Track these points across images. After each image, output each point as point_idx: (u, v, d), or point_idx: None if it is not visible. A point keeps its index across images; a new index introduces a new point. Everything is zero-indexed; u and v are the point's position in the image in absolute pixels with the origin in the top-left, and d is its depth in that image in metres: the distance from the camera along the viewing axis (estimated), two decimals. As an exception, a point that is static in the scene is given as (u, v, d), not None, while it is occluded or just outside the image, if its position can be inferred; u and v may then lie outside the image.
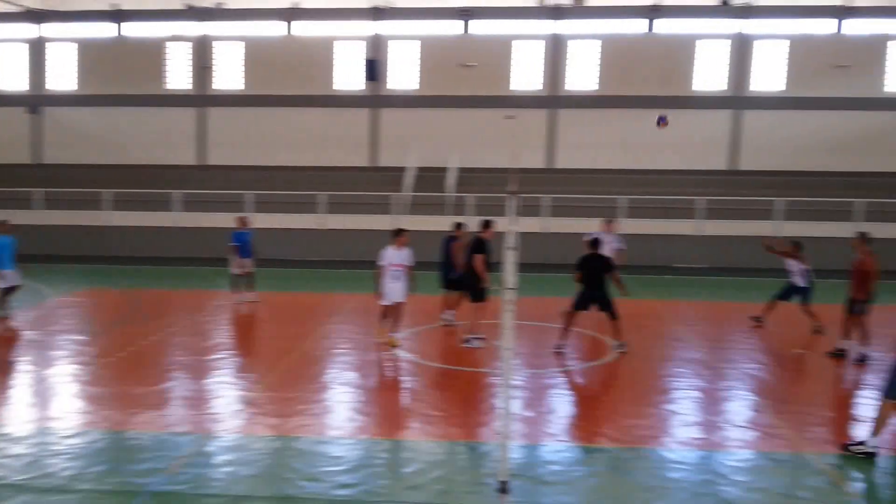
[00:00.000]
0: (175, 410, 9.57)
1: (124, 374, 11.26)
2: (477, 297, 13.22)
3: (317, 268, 24.16)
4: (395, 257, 12.65)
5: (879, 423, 7.97)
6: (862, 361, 12.04)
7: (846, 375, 11.74)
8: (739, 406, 10.01)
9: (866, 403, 10.14)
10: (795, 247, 14.58)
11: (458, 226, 14.51)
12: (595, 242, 13.02)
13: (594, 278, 12.48)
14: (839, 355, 12.36)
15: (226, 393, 10.30)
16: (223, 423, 9.00)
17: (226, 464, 7.77)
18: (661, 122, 13.54)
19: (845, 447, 8.11)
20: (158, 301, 18.10)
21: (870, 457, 7.91)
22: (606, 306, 12.53)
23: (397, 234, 12.86)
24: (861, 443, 8.04)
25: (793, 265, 14.48)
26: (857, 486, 7.41)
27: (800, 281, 14.44)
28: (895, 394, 7.89)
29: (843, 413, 9.88)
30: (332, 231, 26.53)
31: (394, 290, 12.66)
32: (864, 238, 12.22)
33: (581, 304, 12.63)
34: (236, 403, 9.78)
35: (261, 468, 7.66)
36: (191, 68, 31.43)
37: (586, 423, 9.26)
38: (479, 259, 12.91)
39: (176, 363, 11.93)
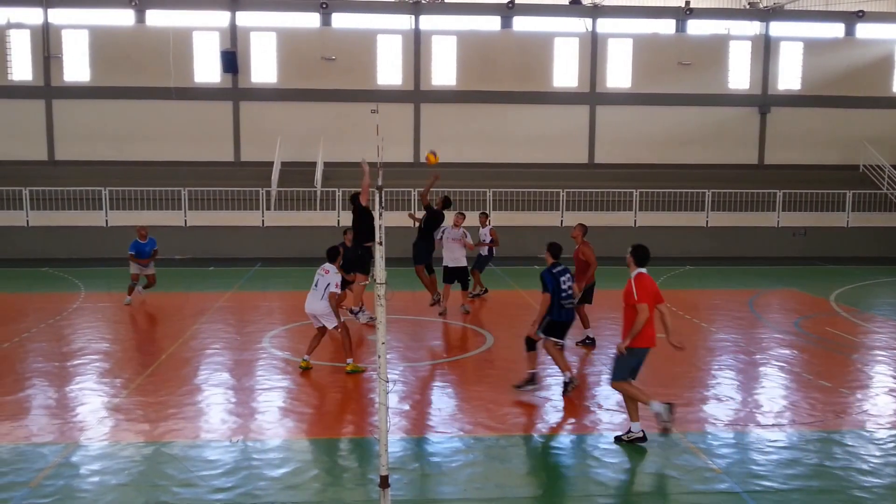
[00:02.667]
0: (35, 420, 9.08)
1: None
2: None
3: (180, 266, 23.36)
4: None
5: (631, 408, 8.34)
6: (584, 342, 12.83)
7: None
8: (607, 390, 10.49)
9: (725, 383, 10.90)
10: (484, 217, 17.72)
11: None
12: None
13: None
14: (589, 343, 12.92)
15: (90, 400, 9.87)
16: (88, 431, 8.63)
17: (93, 474, 7.47)
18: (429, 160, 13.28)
19: (618, 439, 8.34)
20: (8, 305, 16.98)
21: (642, 441, 8.23)
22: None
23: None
24: (629, 431, 8.33)
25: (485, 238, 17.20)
26: (722, 462, 7.87)
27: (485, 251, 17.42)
28: (624, 376, 8.33)
29: (704, 392, 10.56)
30: (196, 227, 25.72)
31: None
32: (583, 229, 12.99)
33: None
34: (102, 410, 9.39)
35: (131, 476, 7.42)
36: (38, 57, 29.44)
37: (463, 413, 9.48)
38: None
39: (34, 370, 11.28)
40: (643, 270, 8.37)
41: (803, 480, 7.42)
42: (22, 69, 29.41)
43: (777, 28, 31.36)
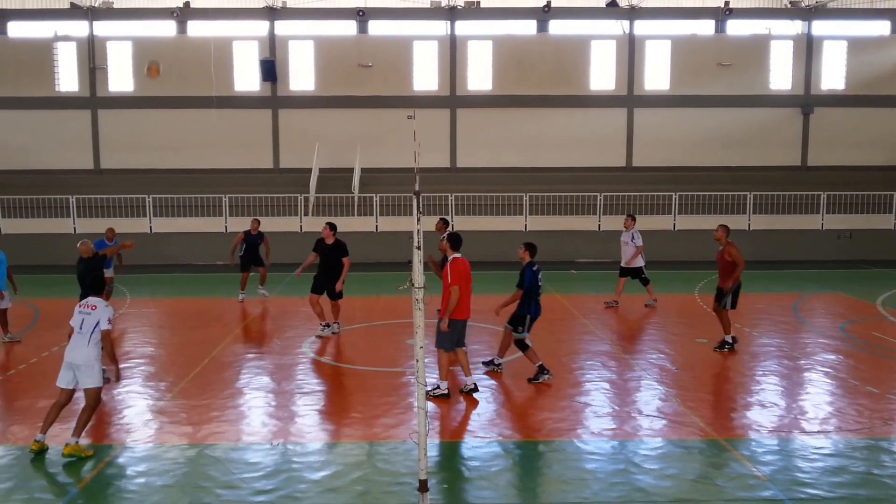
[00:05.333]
0: (82, 423, 9.26)
1: (26, 387, 10.84)
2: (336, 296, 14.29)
3: (222, 271, 23.66)
4: None
5: (442, 369, 9.99)
6: (722, 348, 12.78)
7: (739, 363, 12.36)
8: (648, 396, 10.40)
9: (768, 389, 10.74)
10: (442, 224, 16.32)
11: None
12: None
13: None
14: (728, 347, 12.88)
15: (136, 402, 10.04)
16: (134, 433, 8.79)
17: (139, 475, 7.60)
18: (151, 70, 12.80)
19: (427, 394, 9.35)
20: (57, 311, 17.35)
21: (445, 398, 9.83)
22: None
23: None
24: (437, 387, 9.92)
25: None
26: (767, 469, 7.73)
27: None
28: (446, 346, 9.94)
29: (745, 399, 10.41)
30: (236, 233, 25.99)
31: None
32: (726, 230, 12.90)
33: None
34: (147, 413, 9.56)
35: (175, 478, 7.54)
36: (84, 69, 30.13)
37: (501, 418, 9.46)
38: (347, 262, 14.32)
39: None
40: (458, 255, 9.98)
41: (850, 489, 7.26)
42: (69, 81, 30.13)
43: (820, 27, 30.86)
